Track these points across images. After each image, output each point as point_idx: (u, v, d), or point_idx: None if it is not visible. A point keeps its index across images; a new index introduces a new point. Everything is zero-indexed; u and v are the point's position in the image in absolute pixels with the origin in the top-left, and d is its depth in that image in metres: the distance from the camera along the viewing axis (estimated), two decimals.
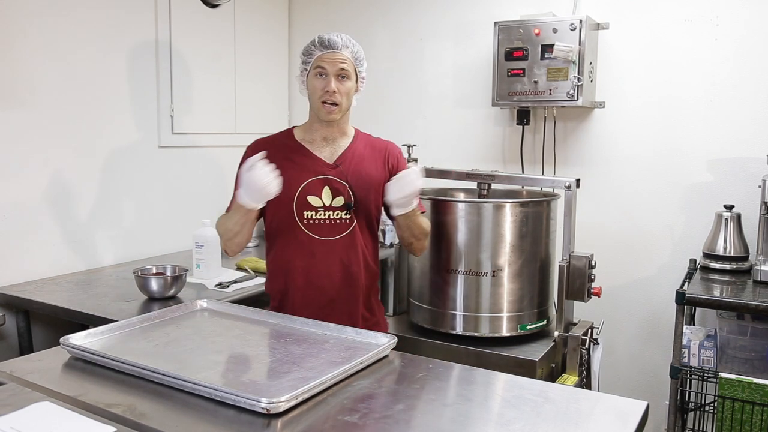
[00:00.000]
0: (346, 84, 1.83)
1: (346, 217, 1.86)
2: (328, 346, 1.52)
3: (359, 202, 1.87)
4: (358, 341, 1.55)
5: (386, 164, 1.94)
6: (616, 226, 2.86)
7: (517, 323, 2.16)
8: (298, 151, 1.90)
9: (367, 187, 1.88)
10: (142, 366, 1.30)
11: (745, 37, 2.55)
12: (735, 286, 2.29)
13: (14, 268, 2.31)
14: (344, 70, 1.82)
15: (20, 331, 2.28)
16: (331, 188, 1.86)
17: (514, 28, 2.73)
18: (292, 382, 1.28)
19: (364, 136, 1.99)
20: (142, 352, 1.45)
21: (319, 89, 1.82)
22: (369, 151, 1.93)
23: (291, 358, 1.44)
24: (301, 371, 1.35)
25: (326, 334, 1.60)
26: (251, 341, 1.56)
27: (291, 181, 1.86)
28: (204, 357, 1.45)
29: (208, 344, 1.53)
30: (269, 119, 3.47)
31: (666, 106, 2.72)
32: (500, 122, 3.08)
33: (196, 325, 1.69)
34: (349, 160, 1.89)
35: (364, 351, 1.45)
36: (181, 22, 2.89)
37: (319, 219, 1.85)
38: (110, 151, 2.64)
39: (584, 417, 1.22)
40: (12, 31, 2.25)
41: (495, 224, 2.13)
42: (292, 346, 1.52)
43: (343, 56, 1.82)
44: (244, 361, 1.45)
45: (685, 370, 2.27)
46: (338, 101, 1.82)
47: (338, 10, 3.46)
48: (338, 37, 1.83)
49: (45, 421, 1.10)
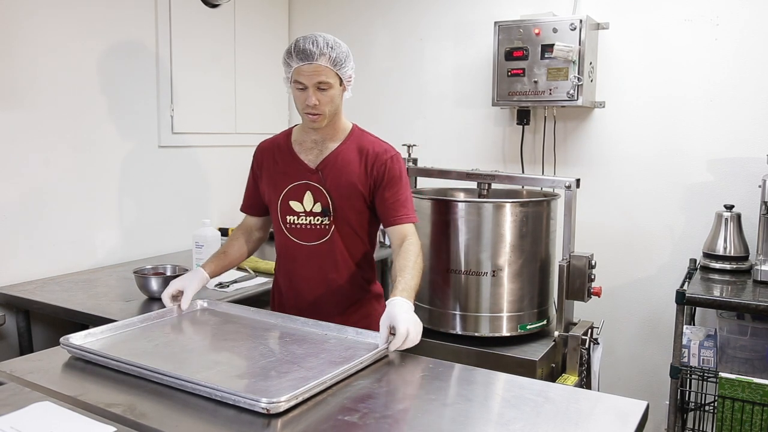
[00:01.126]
0: (327, 93, 1.74)
1: (326, 222, 1.84)
2: (328, 345, 1.53)
3: (337, 209, 1.83)
4: (358, 341, 1.55)
5: (370, 171, 1.84)
6: (616, 226, 2.86)
7: (517, 323, 2.16)
8: (286, 155, 1.89)
9: (347, 194, 1.83)
10: (142, 366, 1.31)
11: (745, 37, 2.55)
12: (735, 285, 2.28)
13: (14, 268, 2.31)
14: (323, 82, 1.72)
15: (20, 331, 2.28)
16: (312, 194, 1.84)
17: (514, 28, 2.73)
18: (293, 381, 1.28)
19: (360, 136, 1.90)
20: (142, 352, 1.45)
21: (301, 101, 1.76)
22: (356, 156, 1.85)
23: (291, 357, 1.44)
24: (301, 371, 1.35)
25: (326, 334, 1.60)
26: (251, 341, 1.56)
27: (277, 185, 1.87)
28: (204, 357, 1.45)
29: (207, 344, 1.53)
30: (269, 119, 3.47)
31: (666, 105, 2.72)
32: (500, 122, 3.08)
33: (195, 325, 1.69)
34: (330, 166, 1.84)
35: (364, 351, 1.45)
36: (181, 22, 2.89)
37: (301, 224, 1.85)
38: (110, 151, 2.63)
39: (584, 417, 1.22)
40: (12, 31, 2.25)
41: (495, 224, 2.13)
42: (292, 346, 1.52)
43: (321, 67, 1.70)
44: (244, 360, 1.45)
45: (685, 370, 2.27)
46: (321, 111, 1.76)
47: (338, 10, 3.46)
48: (313, 45, 1.70)
49: (45, 421, 1.10)
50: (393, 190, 1.84)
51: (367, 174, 1.84)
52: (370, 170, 1.84)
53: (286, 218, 1.86)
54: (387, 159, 1.85)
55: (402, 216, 1.84)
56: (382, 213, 1.86)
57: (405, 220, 1.84)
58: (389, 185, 1.84)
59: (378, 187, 1.84)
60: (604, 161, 2.87)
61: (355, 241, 1.88)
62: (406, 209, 1.85)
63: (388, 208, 1.84)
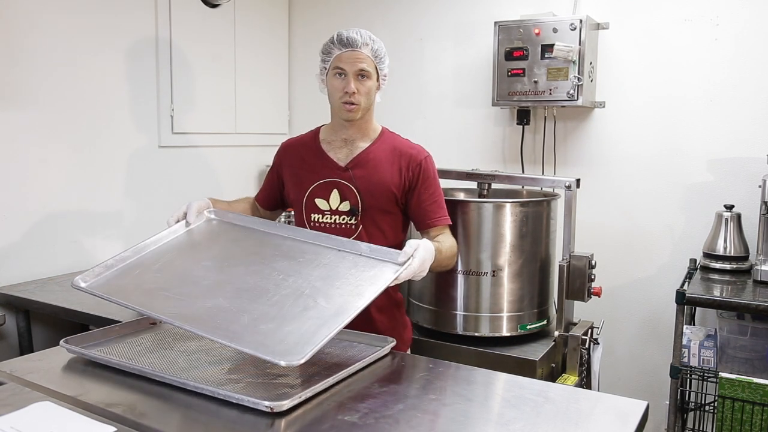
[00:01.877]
0: (366, 83, 1.78)
1: (352, 222, 1.81)
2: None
3: (367, 208, 1.80)
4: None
5: (405, 172, 1.83)
6: (616, 226, 2.86)
7: (517, 323, 2.16)
8: (314, 152, 1.88)
9: (378, 193, 1.81)
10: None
11: (745, 37, 2.55)
12: (735, 285, 2.28)
13: (14, 268, 2.31)
14: (364, 70, 1.76)
15: (20, 331, 2.28)
16: (340, 192, 1.82)
17: (514, 28, 2.73)
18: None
19: (390, 137, 1.91)
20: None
21: (339, 89, 1.77)
22: (388, 156, 1.84)
23: (308, 291, 1.42)
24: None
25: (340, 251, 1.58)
26: (258, 261, 1.55)
27: (302, 182, 1.85)
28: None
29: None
30: (269, 119, 3.47)
31: (666, 106, 2.72)
32: (500, 122, 3.08)
33: (200, 244, 1.68)
34: (362, 164, 1.82)
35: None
36: (181, 22, 2.89)
37: (325, 222, 1.83)
38: (110, 151, 2.64)
39: (584, 417, 1.22)
40: (12, 30, 2.25)
41: (495, 224, 2.13)
42: (307, 270, 1.50)
43: (363, 55, 1.76)
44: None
45: (685, 370, 2.27)
46: (358, 101, 1.77)
47: (338, 10, 3.46)
48: (358, 35, 1.76)
49: (45, 421, 1.10)
50: (429, 192, 1.84)
51: (401, 175, 1.82)
52: (404, 171, 1.83)
53: (311, 216, 1.84)
54: (422, 160, 1.85)
55: (441, 217, 1.85)
56: (418, 215, 1.85)
57: (443, 222, 1.85)
58: (425, 187, 1.83)
59: (413, 188, 1.83)
60: (604, 161, 2.87)
61: (380, 243, 1.82)
62: (443, 210, 1.86)
63: (426, 210, 1.84)
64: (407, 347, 1.96)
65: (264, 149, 3.40)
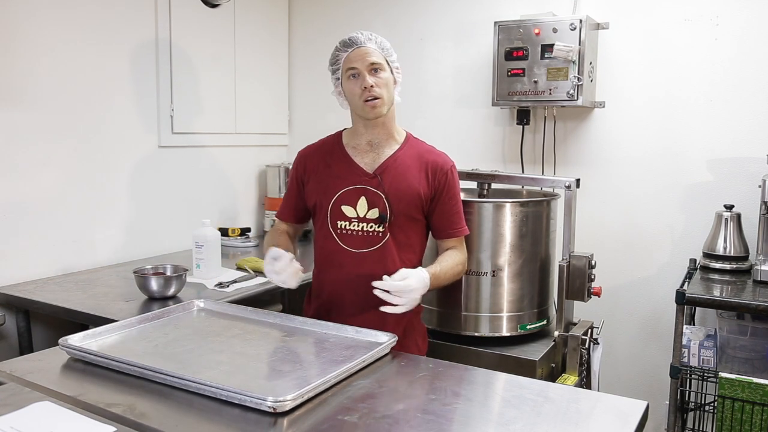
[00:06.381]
0: (381, 75, 1.76)
1: (380, 230, 1.79)
2: (328, 345, 1.53)
3: (395, 215, 1.77)
4: (358, 340, 1.55)
5: (432, 180, 1.82)
6: (616, 226, 2.86)
7: (517, 323, 2.16)
8: (339, 158, 1.84)
9: (406, 199, 1.78)
10: (143, 366, 1.30)
11: (745, 37, 2.55)
12: (735, 285, 2.28)
13: (14, 268, 2.31)
14: (375, 62, 1.75)
15: (20, 331, 2.28)
16: (368, 199, 1.78)
17: (514, 28, 2.73)
18: (295, 381, 1.28)
19: (416, 143, 1.89)
20: (142, 352, 1.45)
21: (358, 89, 1.75)
22: (415, 162, 1.83)
23: (292, 357, 1.44)
24: (302, 370, 1.35)
25: (326, 333, 1.60)
26: (251, 340, 1.56)
27: (327, 189, 1.82)
28: (204, 357, 1.45)
29: (207, 344, 1.53)
30: (269, 119, 3.47)
31: (666, 105, 2.72)
32: (500, 122, 3.08)
33: (194, 326, 1.69)
34: (389, 170, 1.80)
35: (365, 350, 1.45)
36: (181, 22, 2.89)
37: (352, 230, 1.79)
38: (110, 151, 2.63)
39: (584, 417, 1.22)
40: (12, 30, 2.25)
41: (495, 224, 2.13)
42: (292, 345, 1.52)
43: (370, 49, 1.75)
44: (245, 360, 1.45)
45: (685, 369, 2.27)
46: (379, 94, 1.75)
47: (338, 9, 3.46)
48: (359, 33, 1.78)
49: (45, 421, 1.10)
50: (453, 202, 1.85)
51: (429, 183, 1.82)
52: (432, 180, 1.82)
53: (337, 223, 1.81)
54: (448, 170, 1.86)
55: (461, 228, 1.87)
56: (440, 224, 1.85)
57: (462, 233, 1.88)
58: (449, 196, 1.84)
59: (438, 197, 1.83)
60: (604, 161, 2.87)
61: (407, 251, 1.84)
62: (463, 221, 1.88)
63: (448, 220, 1.85)
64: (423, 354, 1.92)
65: (264, 149, 3.40)
